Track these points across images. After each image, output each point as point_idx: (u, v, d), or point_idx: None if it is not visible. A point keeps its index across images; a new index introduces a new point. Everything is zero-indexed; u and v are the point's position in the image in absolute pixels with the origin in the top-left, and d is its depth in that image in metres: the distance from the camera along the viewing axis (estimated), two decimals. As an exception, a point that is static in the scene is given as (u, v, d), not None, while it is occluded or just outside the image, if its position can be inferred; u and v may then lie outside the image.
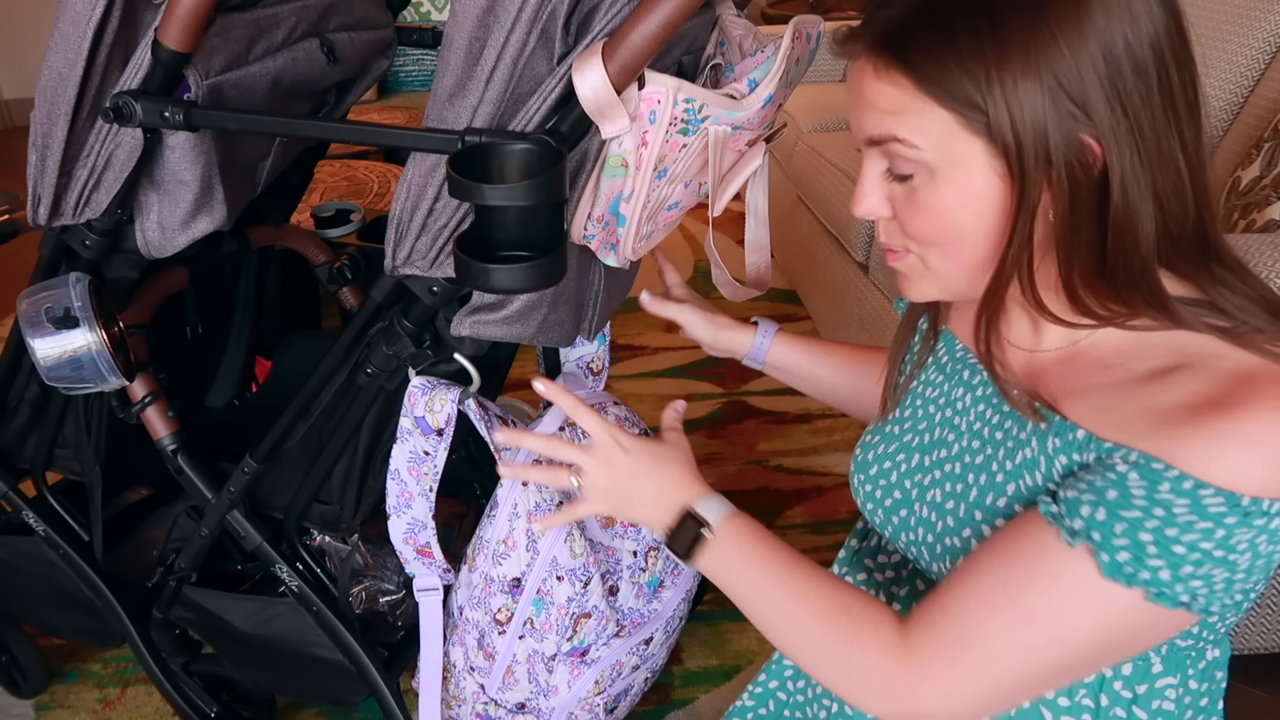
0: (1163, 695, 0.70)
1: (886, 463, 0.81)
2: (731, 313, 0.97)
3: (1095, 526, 0.59)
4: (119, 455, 1.22)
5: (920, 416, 0.81)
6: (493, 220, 0.70)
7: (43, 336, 1.00)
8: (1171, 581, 0.58)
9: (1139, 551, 0.58)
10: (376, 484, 1.07)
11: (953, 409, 0.77)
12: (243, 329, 1.52)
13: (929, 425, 0.79)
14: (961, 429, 0.76)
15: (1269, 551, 0.58)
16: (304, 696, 1.48)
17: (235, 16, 0.92)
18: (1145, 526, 0.58)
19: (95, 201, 0.95)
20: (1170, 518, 0.57)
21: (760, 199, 1.00)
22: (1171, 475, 0.57)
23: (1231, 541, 0.57)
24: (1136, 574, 0.58)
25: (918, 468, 0.78)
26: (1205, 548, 0.57)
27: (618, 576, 1.14)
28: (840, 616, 0.69)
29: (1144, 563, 0.58)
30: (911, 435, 0.81)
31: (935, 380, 0.81)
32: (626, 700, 1.21)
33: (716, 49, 0.93)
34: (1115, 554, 0.58)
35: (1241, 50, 1.75)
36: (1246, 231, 1.48)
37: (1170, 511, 0.57)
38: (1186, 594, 0.58)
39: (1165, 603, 0.58)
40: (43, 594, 1.39)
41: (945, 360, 0.81)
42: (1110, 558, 0.58)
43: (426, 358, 0.95)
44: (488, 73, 0.74)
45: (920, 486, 0.77)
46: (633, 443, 0.81)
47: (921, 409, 0.81)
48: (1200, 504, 0.56)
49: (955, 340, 0.80)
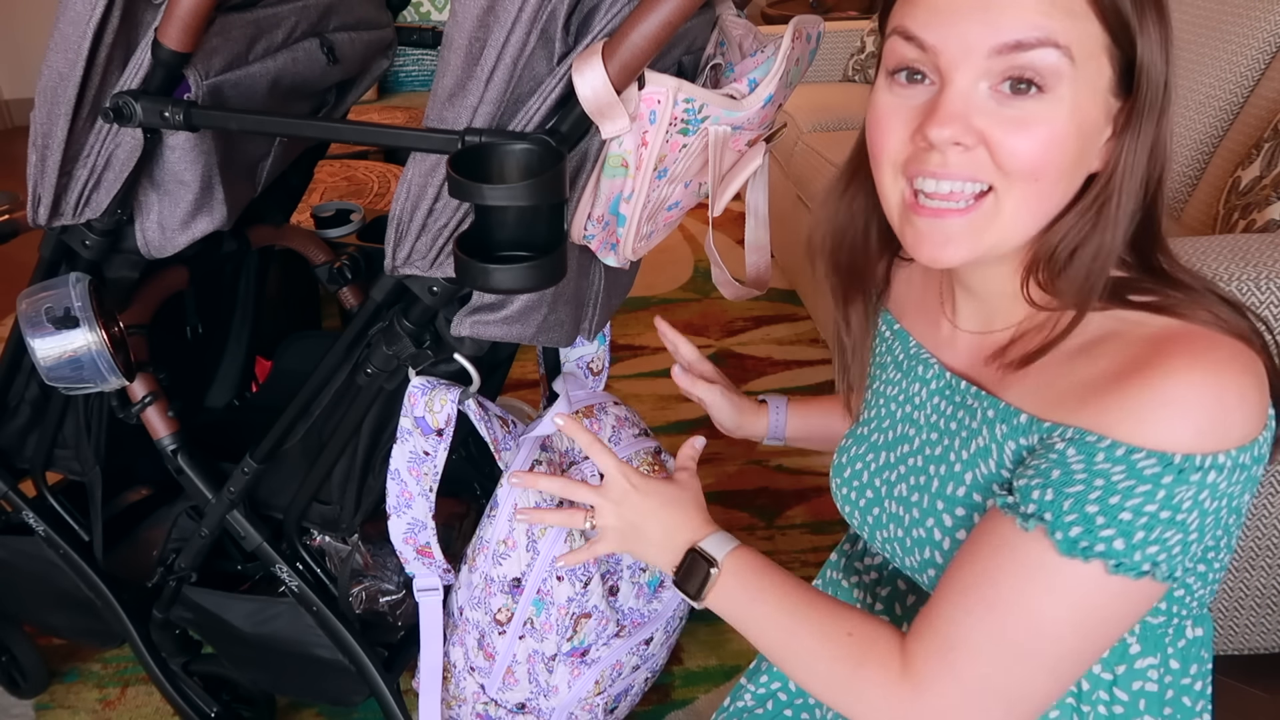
0: (1144, 676, 0.70)
1: (858, 464, 0.83)
2: (733, 313, 0.98)
3: (1045, 507, 0.60)
4: (119, 455, 1.22)
5: (883, 415, 0.82)
6: (493, 220, 0.70)
7: (43, 336, 0.99)
8: (1128, 550, 0.59)
9: (1089, 524, 0.59)
10: (376, 484, 1.07)
11: (911, 404, 0.79)
12: (243, 329, 1.52)
13: (892, 423, 0.81)
14: (920, 423, 0.77)
15: (1214, 508, 0.59)
16: (304, 696, 1.48)
17: (235, 16, 0.92)
18: (1089, 499, 0.59)
19: (95, 201, 0.95)
20: (1111, 486, 0.58)
21: (760, 199, 1.00)
22: (1104, 445, 0.59)
23: (1174, 501, 0.58)
24: (1092, 547, 0.59)
25: (884, 465, 0.80)
26: (1150, 510, 0.58)
27: (618, 576, 1.14)
28: (843, 641, 0.69)
29: (1096, 534, 0.59)
30: (877, 434, 0.82)
31: (894, 379, 0.82)
32: (626, 700, 1.21)
33: (716, 49, 0.93)
34: (1068, 530, 0.59)
35: (1241, 50, 1.75)
36: (1246, 231, 1.48)
37: (1109, 480, 0.58)
38: (1146, 562, 0.59)
39: (1127, 572, 0.59)
40: (43, 594, 1.39)
41: (901, 358, 0.82)
42: (1064, 535, 0.59)
43: (426, 358, 0.95)
44: (488, 73, 0.74)
45: (888, 483, 0.79)
46: (644, 483, 0.82)
47: (884, 408, 0.82)
48: (1135, 469, 0.58)
49: (909, 337, 0.81)
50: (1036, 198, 0.63)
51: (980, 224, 0.64)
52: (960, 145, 0.61)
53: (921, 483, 0.75)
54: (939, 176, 0.63)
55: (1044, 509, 0.60)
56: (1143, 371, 0.59)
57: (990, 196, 0.63)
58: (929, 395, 0.77)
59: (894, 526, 0.77)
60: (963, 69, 0.61)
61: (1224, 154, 1.74)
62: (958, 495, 0.71)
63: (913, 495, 0.75)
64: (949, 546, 0.71)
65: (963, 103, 0.61)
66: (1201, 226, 1.72)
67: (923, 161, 0.63)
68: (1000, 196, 0.63)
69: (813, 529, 1.86)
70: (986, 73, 0.60)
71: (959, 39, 0.60)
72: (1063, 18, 0.59)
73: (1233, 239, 1.29)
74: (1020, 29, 0.59)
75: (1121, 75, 0.62)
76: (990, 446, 0.69)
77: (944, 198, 0.64)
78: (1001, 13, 0.59)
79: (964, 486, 0.71)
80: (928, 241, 0.66)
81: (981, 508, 0.70)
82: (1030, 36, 0.59)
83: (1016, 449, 0.66)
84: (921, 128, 0.63)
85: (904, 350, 0.82)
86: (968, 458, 0.71)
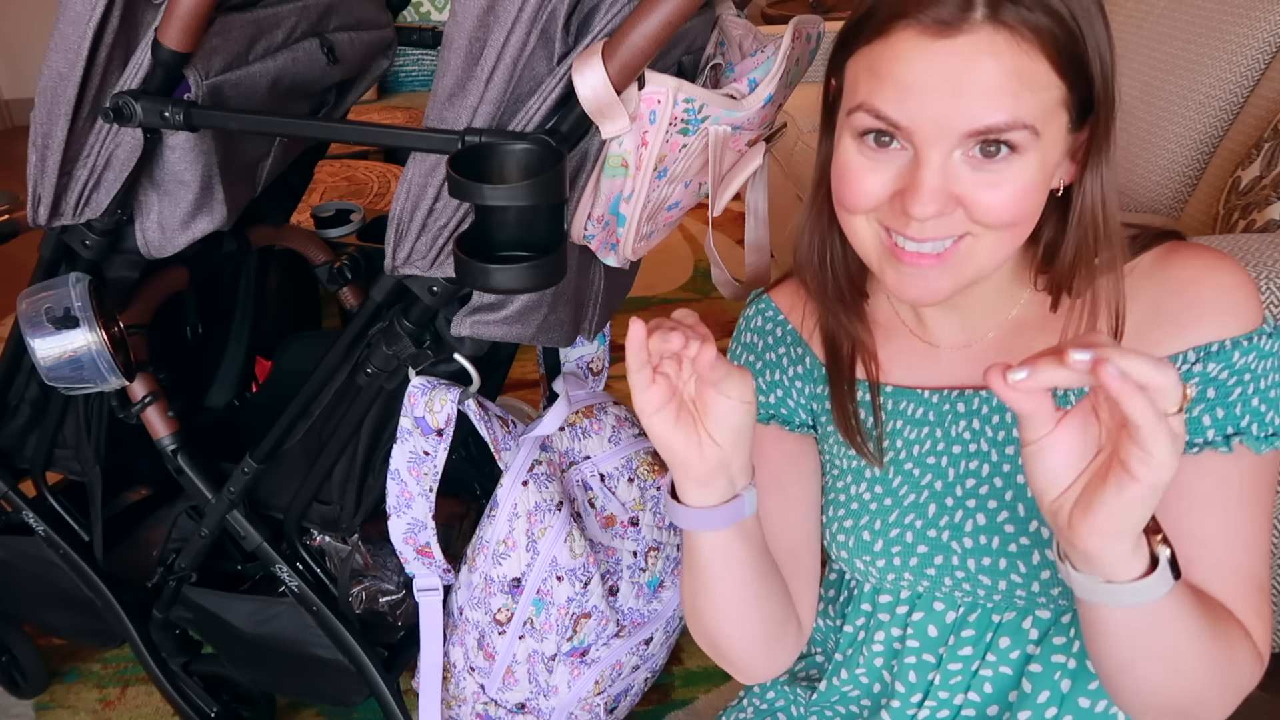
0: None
1: (894, 530, 0.79)
2: (733, 313, 0.96)
3: (1225, 423, 0.66)
4: (119, 455, 1.22)
5: (920, 474, 0.79)
6: (493, 220, 0.70)
7: (43, 336, 0.99)
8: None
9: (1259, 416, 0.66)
10: (376, 484, 1.07)
11: (960, 443, 0.77)
12: (243, 329, 1.52)
13: (937, 474, 0.78)
14: (985, 449, 0.76)
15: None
16: (304, 696, 1.48)
17: (235, 16, 0.92)
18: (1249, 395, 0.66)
19: (95, 201, 0.95)
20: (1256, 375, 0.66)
21: (760, 199, 1.00)
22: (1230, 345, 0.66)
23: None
24: (1272, 434, 0.66)
25: (940, 512, 0.78)
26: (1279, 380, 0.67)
27: (618, 576, 1.14)
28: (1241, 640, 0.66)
29: (1266, 422, 0.66)
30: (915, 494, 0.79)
31: (920, 436, 0.78)
32: (626, 700, 1.21)
33: (716, 49, 0.93)
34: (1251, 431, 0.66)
35: (1241, 50, 1.75)
36: (1246, 231, 1.48)
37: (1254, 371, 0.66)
38: None
39: None
40: (43, 594, 1.39)
41: (922, 414, 0.78)
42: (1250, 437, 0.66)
43: (426, 358, 0.95)
44: (488, 73, 0.74)
45: (953, 526, 0.77)
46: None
47: (918, 468, 0.79)
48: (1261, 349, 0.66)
49: (919, 392, 0.78)
50: (1010, 237, 0.66)
51: (960, 264, 0.66)
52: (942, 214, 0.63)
53: (1010, 498, 0.74)
54: (919, 239, 0.65)
55: (1224, 425, 0.66)
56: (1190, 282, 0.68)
57: (966, 240, 0.65)
58: (983, 420, 0.76)
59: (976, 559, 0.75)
60: (937, 147, 0.62)
61: (1224, 154, 1.74)
62: None
63: (999, 515, 0.74)
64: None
65: (939, 178, 0.62)
66: (1201, 226, 1.72)
67: (901, 224, 0.65)
68: (976, 241, 0.65)
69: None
70: (961, 145, 0.62)
71: (932, 119, 0.61)
72: (1029, 94, 0.60)
73: (1233, 239, 1.29)
74: (990, 114, 0.60)
75: (1076, 111, 0.64)
76: None
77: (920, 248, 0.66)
78: (973, 99, 0.60)
79: None
80: (910, 286, 0.67)
81: None
82: (1000, 122, 0.60)
83: None
84: (902, 199, 0.64)
85: (921, 405, 0.79)
86: None
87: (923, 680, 0.80)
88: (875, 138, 0.64)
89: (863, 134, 0.65)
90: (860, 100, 0.64)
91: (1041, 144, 0.62)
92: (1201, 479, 0.67)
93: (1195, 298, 0.67)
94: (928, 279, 0.66)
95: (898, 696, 0.81)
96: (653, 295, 2.77)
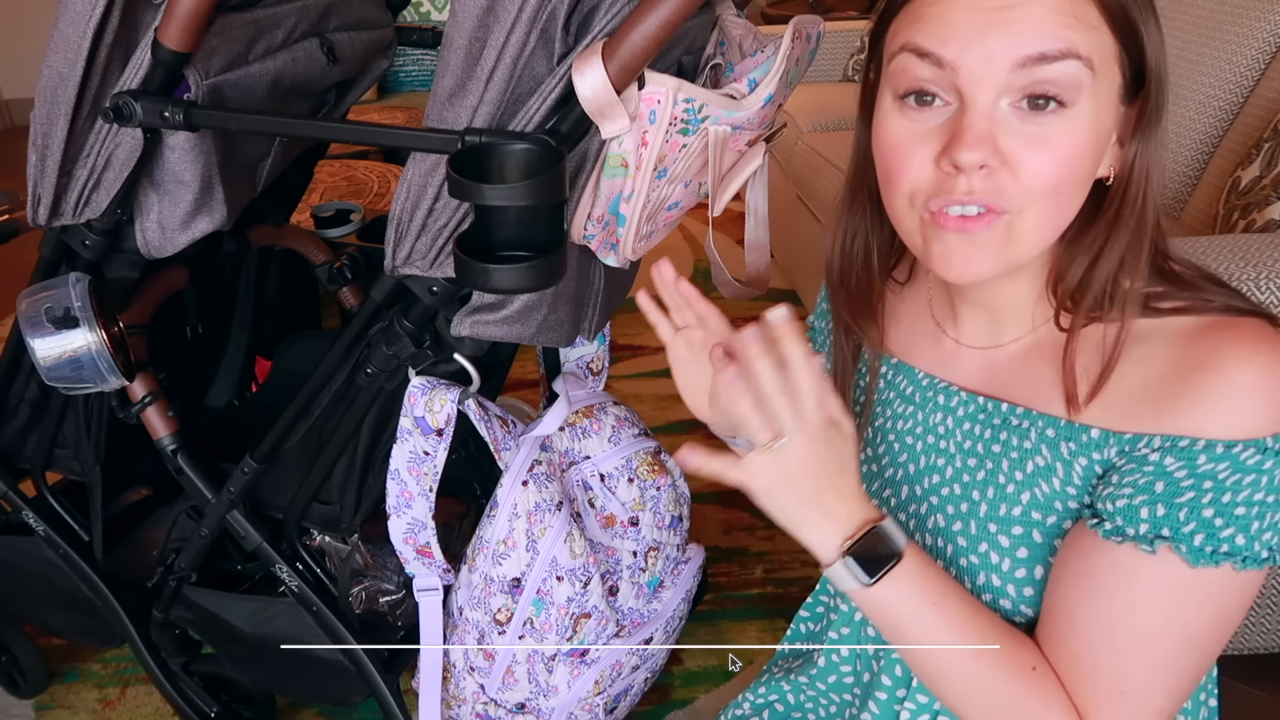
0: None
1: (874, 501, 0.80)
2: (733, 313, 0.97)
3: (1161, 523, 0.60)
4: (119, 455, 1.22)
5: (899, 450, 0.80)
6: (493, 220, 0.70)
7: (43, 336, 0.99)
8: (1249, 543, 0.59)
9: (1209, 529, 0.59)
10: (376, 484, 1.07)
11: (934, 435, 0.77)
12: (243, 329, 1.52)
13: (910, 456, 0.79)
14: (950, 451, 0.75)
15: None
16: (304, 696, 1.48)
17: (235, 16, 0.92)
18: (1203, 503, 0.59)
19: (95, 201, 0.95)
20: (1220, 485, 0.59)
21: (760, 199, 1.00)
22: (1201, 446, 0.59)
23: (1276, 483, 0.59)
24: (1218, 549, 0.59)
25: (910, 498, 0.78)
26: (1259, 499, 0.59)
27: (618, 576, 1.14)
28: (1030, 677, 0.65)
29: (1219, 537, 0.59)
30: (894, 469, 0.80)
31: (905, 413, 0.80)
32: (626, 700, 1.21)
33: (716, 49, 0.93)
34: (1191, 540, 0.60)
35: (1241, 50, 1.75)
36: (1246, 231, 1.48)
37: (1217, 480, 0.59)
38: (1265, 549, 0.60)
39: (1253, 565, 0.60)
40: (43, 594, 1.39)
41: (911, 391, 0.79)
42: (1188, 545, 0.60)
43: (426, 358, 0.95)
44: (488, 73, 0.74)
45: (918, 516, 0.77)
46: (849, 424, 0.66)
47: (898, 443, 0.80)
48: (1239, 462, 0.59)
49: (915, 371, 0.79)
50: (1054, 211, 0.62)
51: (1002, 239, 0.63)
52: (986, 167, 0.60)
53: (964, 510, 0.73)
54: (964, 203, 0.62)
55: (1160, 525, 0.60)
56: (1208, 365, 0.60)
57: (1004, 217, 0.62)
58: (957, 422, 0.75)
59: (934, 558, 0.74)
60: (985, 86, 0.59)
61: (1224, 154, 1.74)
62: (1013, 515, 0.70)
63: (954, 524, 0.74)
64: (1009, 566, 0.70)
65: (987, 122, 0.59)
66: (1201, 226, 1.72)
67: (947, 190, 0.62)
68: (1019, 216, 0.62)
69: (813, 529, 1.86)
70: (1008, 88, 0.59)
71: (980, 53, 0.58)
72: (1083, 29, 0.58)
73: (1233, 239, 1.29)
74: (1043, 40, 0.57)
75: (1129, 81, 0.62)
76: (1054, 465, 0.67)
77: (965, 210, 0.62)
78: (1023, 24, 0.57)
79: (1020, 506, 0.69)
80: (956, 255, 0.64)
81: (1042, 525, 0.68)
82: (1053, 48, 0.57)
83: (1089, 464, 0.65)
84: (948, 151, 0.61)
85: (912, 384, 0.80)
86: (1023, 478, 0.69)
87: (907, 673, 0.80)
88: (917, 98, 0.62)
89: (904, 95, 0.63)
90: (902, 43, 0.62)
91: (1096, 93, 0.59)
92: (1109, 568, 0.62)
93: (1199, 384, 0.60)
94: (973, 244, 0.62)
95: (883, 689, 0.82)
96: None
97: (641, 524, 1.17)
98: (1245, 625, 1.41)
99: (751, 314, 1.03)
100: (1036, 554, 0.69)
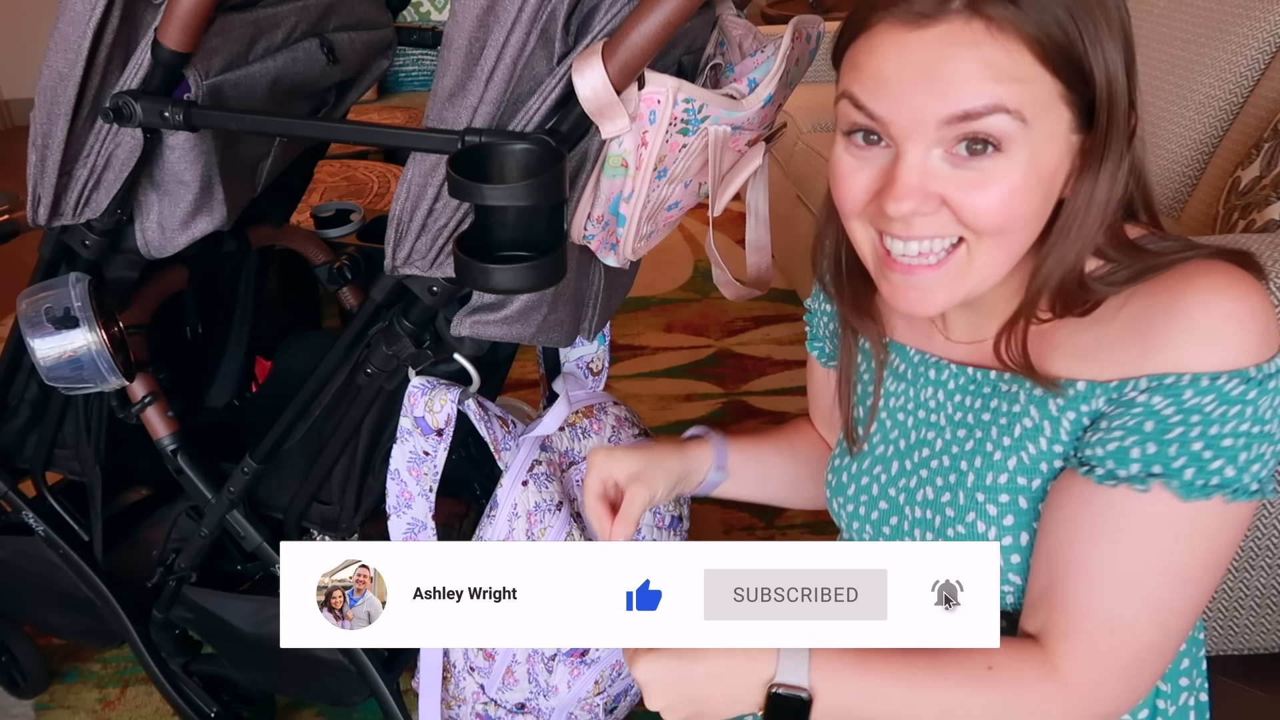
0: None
1: (864, 479, 0.82)
2: (733, 313, 0.97)
3: (1152, 460, 0.61)
4: (119, 455, 1.22)
5: (890, 427, 0.81)
6: (493, 220, 0.70)
7: (43, 336, 0.99)
8: (1239, 474, 0.60)
9: (1200, 462, 0.60)
10: (376, 484, 1.07)
11: (925, 409, 0.78)
12: (243, 329, 1.52)
13: (902, 432, 0.80)
14: (940, 424, 0.77)
15: None
16: (304, 696, 1.48)
17: (235, 16, 0.92)
18: (1192, 438, 0.60)
19: (95, 201, 0.95)
20: (1207, 418, 0.60)
21: (760, 199, 1.00)
22: (1186, 381, 0.60)
23: (1261, 414, 0.60)
24: (1209, 482, 0.60)
25: (900, 474, 0.79)
26: (1245, 430, 0.60)
27: (618, 576, 1.13)
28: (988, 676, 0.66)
29: (1208, 470, 0.60)
30: (884, 446, 0.81)
31: (897, 390, 0.81)
32: (626, 700, 1.21)
33: (716, 49, 0.93)
34: (1182, 475, 0.61)
35: (1241, 50, 1.75)
36: (1246, 231, 1.48)
37: (1204, 413, 0.60)
38: (1254, 481, 0.61)
39: (1242, 496, 0.61)
40: (43, 594, 1.39)
41: (903, 369, 0.81)
42: (1179, 481, 0.61)
43: (426, 358, 0.95)
44: (488, 73, 0.74)
45: (908, 490, 0.78)
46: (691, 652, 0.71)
47: (889, 419, 0.81)
48: (1224, 393, 0.60)
49: (907, 348, 0.81)
50: (1007, 245, 0.64)
51: (956, 273, 0.65)
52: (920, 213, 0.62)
53: (953, 481, 0.74)
54: (905, 238, 0.64)
55: (1151, 463, 0.61)
56: (1186, 301, 0.61)
57: (963, 247, 0.64)
58: (948, 395, 0.76)
59: (921, 530, 0.76)
60: (914, 140, 0.61)
61: (1224, 154, 1.74)
62: (999, 483, 0.71)
63: (943, 495, 0.75)
64: (995, 535, 0.71)
65: (917, 175, 0.61)
66: (1201, 226, 1.72)
67: (887, 223, 0.64)
68: (972, 248, 0.64)
69: (812, 529, 1.86)
70: (939, 140, 0.61)
71: (907, 110, 0.60)
72: (1011, 83, 0.59)
73: (1233, 239, 1.29)
74: (968, 98, 0.59)
75: (1082, 112, 0.62)
76: (1042, 424, 0.68)
77: (915, 256, 0.65)
78: (948, 84, 0.59)
79: (1006, 474, 0.70)
80: (903, 296, 0.67)
81: (1028, 490, 0.69)
82: (978, 105, 0.59)
83: (1077, 418, 0.66)
84: (878, 198, 0.63)
85: (904, 361, 0.81)
86: (1010, 444, 0.70)
87: None
88: (863, 136, 0.65)
89: (849, 132, 0.65)
90: (842, 89, 0.65)
91: (1032, 139, 0.60)
92: (1104, 512, 0.63)
93: (1180, 318, 0.61)
94: (922, 288, 0.66)
95: None
96: (653, 295, 2.76)
97: (641, 524, 1.17)
98: (1245, 625, 1.41)
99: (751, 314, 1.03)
100: (1022, 520, 0.70)
